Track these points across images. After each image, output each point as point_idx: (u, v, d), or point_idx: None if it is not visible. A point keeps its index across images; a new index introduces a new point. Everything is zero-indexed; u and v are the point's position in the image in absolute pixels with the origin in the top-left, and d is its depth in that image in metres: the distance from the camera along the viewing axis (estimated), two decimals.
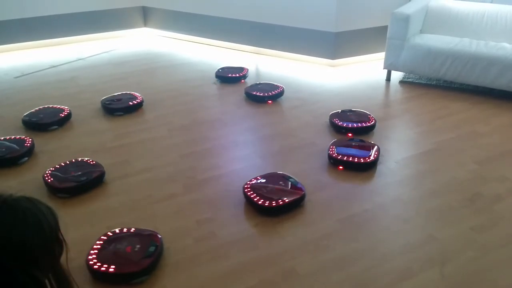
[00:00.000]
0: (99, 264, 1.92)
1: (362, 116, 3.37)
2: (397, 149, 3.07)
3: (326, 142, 3.10)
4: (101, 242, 2.05)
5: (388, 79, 4.25)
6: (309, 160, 2.89)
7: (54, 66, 4.60)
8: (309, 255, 2.09)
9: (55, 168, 2.63)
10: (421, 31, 4.28)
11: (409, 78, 4.30)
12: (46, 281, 1.04)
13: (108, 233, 2.11)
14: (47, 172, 2.59)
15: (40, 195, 2.45)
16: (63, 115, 3.37)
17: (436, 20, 4.24)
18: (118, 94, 3.75)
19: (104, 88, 4.04)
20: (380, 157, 2.87)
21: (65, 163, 2.69)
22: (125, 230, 2.13)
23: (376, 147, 2.91)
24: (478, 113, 3.56)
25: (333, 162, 2.82)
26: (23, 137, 3.03)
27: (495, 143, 3.10)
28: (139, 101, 3.64)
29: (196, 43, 5.40)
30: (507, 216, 2.36)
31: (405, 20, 3.90)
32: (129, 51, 5.15)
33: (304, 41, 4.63)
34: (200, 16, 5.20)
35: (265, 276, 1.97)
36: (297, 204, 2.41)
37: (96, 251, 1.99)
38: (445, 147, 3.06)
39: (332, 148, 2.88)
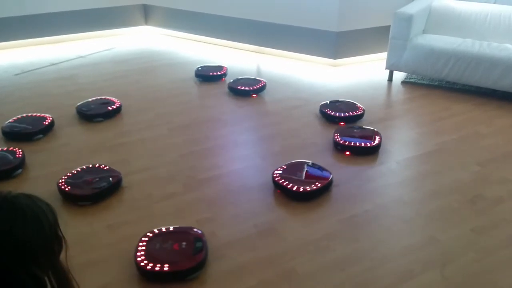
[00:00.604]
0: (151, 264, 1.91)
1: (351, 106, 3.51)
2: (398, 150, 3.05)
3: (327, 142, 3.09)
4: (144, 243, 2.03)
5: (390, 79, 4.23)
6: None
7: (54, 64, 4.59)
8: (309, 255, 2.08)
9: (68, 176, 2.52)
10: (424, 31, 4.27)
11: (411, 78, 4.28)
12: (46, 278, 1.02)
13: (148, 233, 2.09)
14: (60, 181, 2.47)
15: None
16: (46, 123, 3.19)
17: (439, 20, 4.22)
18: (92, 100, 3.58)
19: (104, 86, 4.03)
20: (382, 143, 3.01)
21: (77, 171, 2.58)
22: (163, 229, 2.13)
23: (377, 132, 3.09)
24: (481, 114, 3.55)
25: (341, 148, 2.96)
26: (11, 148, 2.84)
27: (498, 145, 3.09)
28: (118, 105, 3.50)
29: (197, 41, 5.38)
30: (508, 217, 2.35)
31: (408, 20, 3.88)
32: (130, 49, 5.14)
33: (306, 40, 4.61)
34: (202, 15, 5.19)
35: (265, 276, 1.96)
36: (327, 189, 2.52)
37: (142, 252, 1.98)
38: (447, 148, 3.04)
39: (337, 136, 3.02)
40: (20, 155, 2.76)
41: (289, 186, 2.48)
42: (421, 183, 2.67)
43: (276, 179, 2.55)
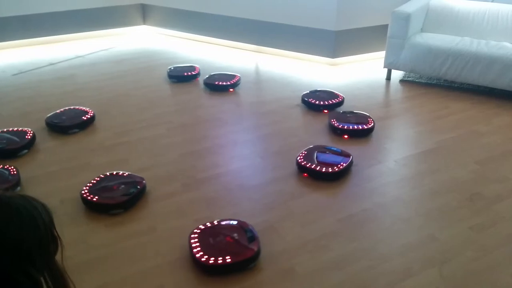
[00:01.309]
0: (213, 258, 1.94)
1: (331, 94, 3.71)
2: (397, 149, 3.06)
3: (325, 141, 3.09)
4: (196, 240, 2.05)
5: (388, 78, 4.23)
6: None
7: (52, 64, 4.58)
8: (308, 255, 2.08)
9: (89, 186, 2.43)
10: (422, 30, 4.27)
11: (410, 77, 4.28)
12: (42, 279, 1.02)
13: (195, 230, 2.11)
14: (83, 192, 2.38)
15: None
16: (28, 137, 2.97)
17: (437, 19, 4.22)
18: (62, 111, 3.36)
19: (103, 86, 4.03)
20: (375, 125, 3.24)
21: (96, 180, 2.49)
22: (208, 224, 2.16)
23: (368, 115, 3.31)
24: (479, 113, 3.55)
25: (340, 132, 3.17)
26: (1, 166, 2.65)
27: (496, 143, 3.09)
28: (91, 115, 3.32)
29: (196, 41, 5.38)
30: (507, 216, 2.35)
31: (406, 19, 3.88)
32: (128, 49, 5.13)
33: (305, 39, 4.61)
34: (200, 14, 5.18)
35: (263, 275, 1.96)
36: (349, 168, 2.72)
37: (199, 248, 2.00)
38: (445, 147, 3.04)
39: (334, 121, 3.23)
40: (15, 172, 2.59)
41: (317, 168, 2.63)
42: (420, 181, 2.67)
43: (303, 163, 2.69)
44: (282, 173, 2.72)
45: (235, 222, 2.17)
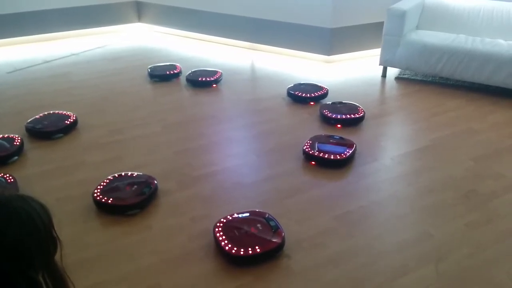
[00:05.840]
0: (243, 250, 1.98)
1: (315, 87, 3.80)
2: (392, 146, 3.06)
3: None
4: (222, 233, 2.08)
5: (384, 75, 4.24)
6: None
7: (47, 62, 4.55)
8: (304, 252, 2.08)
9: (101, 188, 2.39)
10: (417, 27, 4.27)
11: (405, 74, 4.29)
12: (41, 279, 1.01)
13: (218, 224, 2.14)
14: (95, 194, 2.34)
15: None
16: (17, 143, 2.85)
17: (432, 16, 4.23)
18: (43, 115, 3.24)
19: (97, 84, 4.01)
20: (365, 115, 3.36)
21: (106, 182, 2.45)
22: (229, 217, 2.19)
23: (358, 105, 3.43)
24: (474, 110, 3.56)
25: (334, 122, 3.29)
26: None
27: (491, 140, 3.10)
28: (74, 119, 3.21)
29: (191, 38, 5.36)
30: (502, 213, 2.36)
31: (401, 16, 3.89)
32: (123, 47, 5.11)
33: (300, 37, 4.61)
34: (195, 12, 5.16)
35: (259, 273, 1.96)
36: (354, 154, 2.84)
37: (226, 241, 2.03)
38: (441, 144, 3.05)
39: (326, 111, 3.35)
40: (12, 180, 2.49)
41: (326, 156, 2.74)
42: (415, 179, 2.67)
43: (311, 152, 2.78)
44: (277, 171, 2.72)
45: (256, 212, 2.22)
